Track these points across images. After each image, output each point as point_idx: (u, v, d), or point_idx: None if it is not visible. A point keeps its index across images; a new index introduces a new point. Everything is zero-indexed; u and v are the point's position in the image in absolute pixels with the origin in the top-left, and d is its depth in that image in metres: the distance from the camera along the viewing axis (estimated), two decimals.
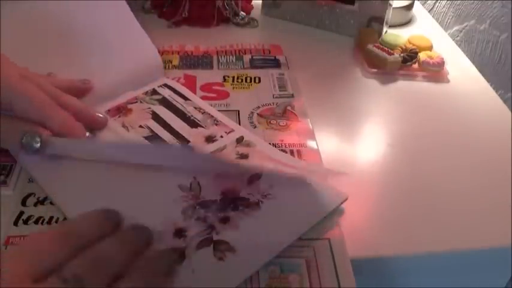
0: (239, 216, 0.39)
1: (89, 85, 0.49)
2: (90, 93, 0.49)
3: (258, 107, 0.53)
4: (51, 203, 0.40)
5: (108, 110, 0.49)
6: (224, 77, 0.57)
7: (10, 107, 0.41)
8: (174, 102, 0.51)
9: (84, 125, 0.45)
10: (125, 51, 0.53)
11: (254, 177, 0.43)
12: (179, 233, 0.38)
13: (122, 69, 0.52)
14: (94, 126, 0.46)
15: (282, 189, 0.42)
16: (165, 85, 0.53)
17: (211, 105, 0.52)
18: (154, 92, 0.52)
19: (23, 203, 0.40)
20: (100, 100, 0.50)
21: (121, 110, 0.50)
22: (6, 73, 0.40)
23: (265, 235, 0.38)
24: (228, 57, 0.61)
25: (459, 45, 0.77)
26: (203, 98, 0.53)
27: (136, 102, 0.51)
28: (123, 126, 0.48)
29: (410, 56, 0.61)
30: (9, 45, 0.46)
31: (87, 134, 0.44)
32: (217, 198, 0.41)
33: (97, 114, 0.47)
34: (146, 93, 0.52)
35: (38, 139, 0.41)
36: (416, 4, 0.75)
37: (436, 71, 0.61)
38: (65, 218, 0.39)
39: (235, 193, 0.41)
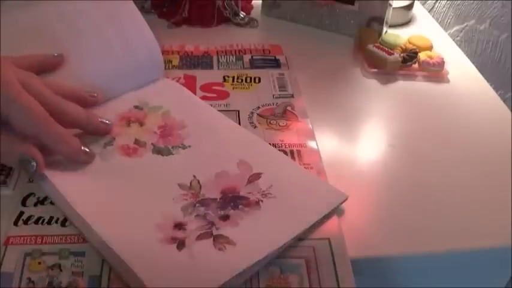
0: (239, 215, 0.39)
1: (96, 98, 0.48)
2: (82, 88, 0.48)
3: (258, 107, 0.53)
4: (51, 203, 0.41)
5: None
6: (224, 77, 0.57)
7: (7, 118, 0.40)
8: None
9: (87, 133, 0.45)
10: (125, 46, 0.52)
11: (254, 176, 0.43)
12: (179, 226, 0.38)
13: (119, 64, 0.51)
14: (98, 134, 0.46)
15: (281, 188, 0.42)
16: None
17: (211, 105, 0.52)
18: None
19: (23, 203, 0.40)
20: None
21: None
22: (7, 79, 0.39)
23: (265, 233, 0.38)
24: (228, 57, 0.61)
25: (459, 45, 0.76)
26: (203, 98, 0.53)
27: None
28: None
29: (410, 56, 0.61)
30: (9, 42, 0.46)
31: (84, 148, 0.43)
32: (217, 197, 0.41)
33: (101, 121, 0.46)
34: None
35: (34, 164, 0.40)
36: (416, 4, 0.75)
37: (436, 71, 0.61)
38: (65, 218, 0.39)
39: (235, 192, 0.42)
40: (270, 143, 0.48)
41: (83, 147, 0.43)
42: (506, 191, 0.46)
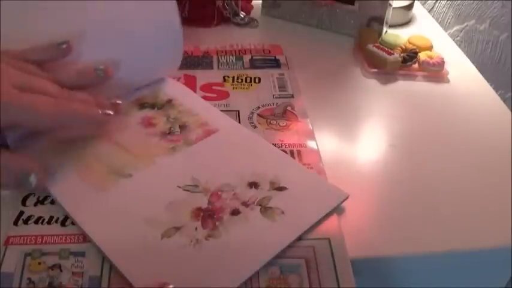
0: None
1: (70, 47, 0.44)
2: (108, 82, 0.46)
3: (258, 107, 0.53)
4: (51, 202, 0.41)
5: None
6: (224, 77, 0.57)
7: (16, 123, 0.39)
8: None
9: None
10: (151, 37, 0.50)
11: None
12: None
13: (142, 54, 0.49)
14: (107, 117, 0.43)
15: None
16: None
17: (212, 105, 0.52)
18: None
19: (23, 203, 0.40)
20: (116, 88, 0.48)
21: None
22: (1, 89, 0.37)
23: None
24: (228, 57, 0.61)
25: (459, 45, 0.77)
26: (203, 98, 0.53)
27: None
28: None
29: (410, 56, 0.61)
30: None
31: (102, 111, 0.42)
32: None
33: (110, 103, 0.44)
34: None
35: (33, 178, 0.39)
36: (416, 4, 0.75)
37: (436, 71, 0.61)
38: (65, 218, 0.39)
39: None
40: (271, 144, 0.48)
41: (101, 111, 0.43)
42: (506, 191, 0.46)
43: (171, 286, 0.34)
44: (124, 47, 0.48)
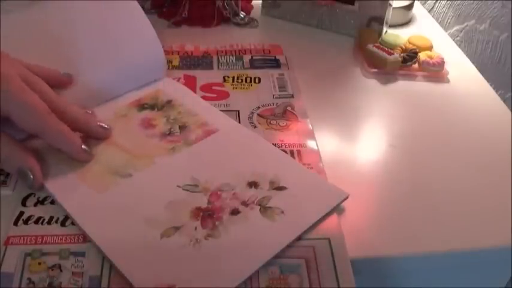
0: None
1: (71, 79, 0.47)
2: (83, 89, 0.48)
3: (258, 107, 0.53)
4: (51, 202, 0.41)
5: None
6: (224, 77, 0.57)
7: (8, 115, 0.39)
8: None
9: (84, 135, 0.44)
10: (127, 46, 0.52)
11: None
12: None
13: (122, 64, 0.51)
14: (96, 137, 0.45)
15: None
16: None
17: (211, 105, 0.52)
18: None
19: (23, 203, 0.40)
20: (97, 98, 0.49)
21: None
22: (8, 75, 0.39)
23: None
24: (228, 57, 0.61)
25: (459, 45, 0.77)
26: (203, 98, 0.53)
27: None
28: None
29: (410, 56, 0.61)
30: (10, 43, 0.45)
31: (84, 147, 0.43)
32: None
33: (99, 125, 0.45)
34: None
35: (31, 176, 0.40)
36: (416, 4, 0.75)
37: (436, 71, 0.61)
38: (65, 217, 0.39)
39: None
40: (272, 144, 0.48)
41: (83, 146, 0.43)
42: (506, 191, 0.46)
43: (177, 287, 0.34)
44: (105, 59, 0.50)
